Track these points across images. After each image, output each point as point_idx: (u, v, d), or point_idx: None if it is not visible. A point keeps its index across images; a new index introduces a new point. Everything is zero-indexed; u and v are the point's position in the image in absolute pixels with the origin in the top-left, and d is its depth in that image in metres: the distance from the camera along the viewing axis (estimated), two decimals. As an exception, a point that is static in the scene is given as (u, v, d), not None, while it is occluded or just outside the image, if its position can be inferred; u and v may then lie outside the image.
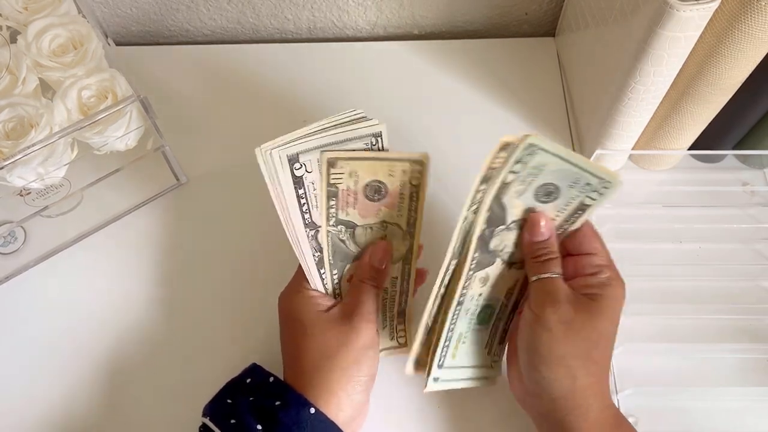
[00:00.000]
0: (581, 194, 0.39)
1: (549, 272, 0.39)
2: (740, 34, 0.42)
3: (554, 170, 0.38)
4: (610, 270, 0.40)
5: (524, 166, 0.37)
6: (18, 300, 0.50)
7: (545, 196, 0.39)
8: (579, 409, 0.37)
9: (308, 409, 0.38)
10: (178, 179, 0.55)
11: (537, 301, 0.39)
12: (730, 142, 0.54)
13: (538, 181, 0.38)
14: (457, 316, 0.41)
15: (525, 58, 0.64)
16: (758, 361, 0.48)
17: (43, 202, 0.50)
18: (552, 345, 0.37)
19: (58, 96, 0.46)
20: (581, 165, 0.37)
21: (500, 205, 0.39)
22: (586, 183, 0.38)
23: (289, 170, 0.38)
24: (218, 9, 0.64)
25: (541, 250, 0.40)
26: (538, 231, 0.40)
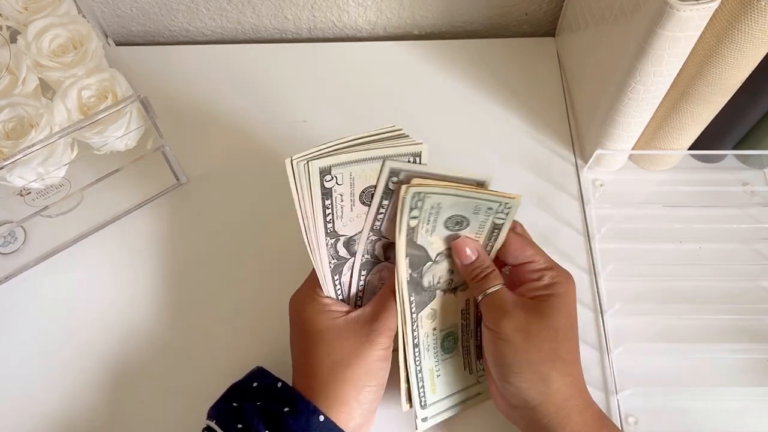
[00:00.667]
0: (489, 217, 0.40)
1: (491, 286, 0.40)
2: (740, 34, 0.42)
3: (451, 205, 0.38)
4: (553, 270, 0.41)
5: (420, 210, 0.38)
6: (18, 300, 0.50)
7: (456, 225, 0.40)
8: (560, 413, 0.37)
9: (318, 417, 0.37)
10: (178, 179, 0.55)
11: (489, 317, 0.39)
12: (730, 142, 0.54)
13: (441, 217, 0.39)
14: (419, 356, 0.42)
15: (525, 58, 0.64)
16: (758, 361, 0.48)
17: (43, 202, 0.50)
18: (515, 355, 0.37)
19: (58, 96, 0.46)
20: (473, 195, 0.38)
21: (417, 247, 0.40)
22: (487, 208, 0.39)
23: (319, 181, 0.37)
24: (218, 9, 0.64)
25: (475, 270, 0.40)
26: (465, 255, 0.41)
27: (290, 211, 0.53)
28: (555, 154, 0.58)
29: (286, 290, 0.43)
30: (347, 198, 0.39)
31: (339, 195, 0.39)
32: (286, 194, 0.37)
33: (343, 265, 0.42)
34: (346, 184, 0.38)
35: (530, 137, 0.59)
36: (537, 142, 0.58)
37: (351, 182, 0.38)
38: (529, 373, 0.37)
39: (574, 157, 0.57)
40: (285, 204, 0.54)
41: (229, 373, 0.42)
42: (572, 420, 0.37)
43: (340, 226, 0.40)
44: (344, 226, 0.40)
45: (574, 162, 0.57)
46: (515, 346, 0.37)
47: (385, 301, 0.41)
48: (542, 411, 0.37)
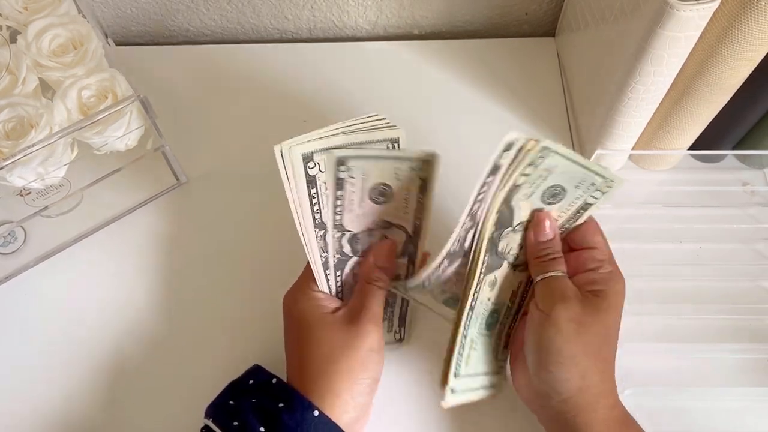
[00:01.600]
0: (585, 194, 0.39)
1: (554, 271, 0.39)
2: (740, 35, 0.42)
3: (563, 172, 0.38)
4: (611, 264, 0.40)
5: (535, 168, 0.37)
6: (18, 300, 0.50)
7: (551, 198, 0.39)
8: (589, 408, 0.37)
9: (312, 412, 0.37)
10: (178, 179, 0.55)
11: (545, 300, 0.39)
12: (730, 142, 0.54)
13: (546, 182, 0.38)
14: (470, 321, 0.41)
15: (525, 58, 0.64)
16: (758, 361, 0.48)
17: (43, 202, 0.50)
18: (563, 344, 0.37)
19: (58, 96, 0.46)
20: (588, 165, 0.38)
21: (509, 208, 0.39)
22: (591, 183, 0.39)
23: (303, 168, 0.37)
24: (218, 9, 0.64)
25: (545, 249, 0.40)
26: (543, 231, 0.40)
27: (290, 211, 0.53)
28: (555, 154, 0.58)
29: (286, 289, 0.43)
30: (358, 192, 0.39)
31: (323, 183, 0.38)
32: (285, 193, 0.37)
33: (346, 263, 0.42)
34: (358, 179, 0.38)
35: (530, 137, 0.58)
36: (537, 142, 0.58)
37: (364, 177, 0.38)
38: (570, 365, 0.37)
39: (574, 157, 0.57)
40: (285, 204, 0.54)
41: (228, 372, 0.42)
42: (599, 416, 0.37)
43: (347, 221, 0.40)
44: (351, 222, 0.40)
45: (574, 162, 0.57)
46: (564, 336, 0.37)
47: (365, 289, 0.41)
48: (572, 403, 0.37)
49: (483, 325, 0.42)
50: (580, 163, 0.38)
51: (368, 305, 0.41)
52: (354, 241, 0.42)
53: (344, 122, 0.39)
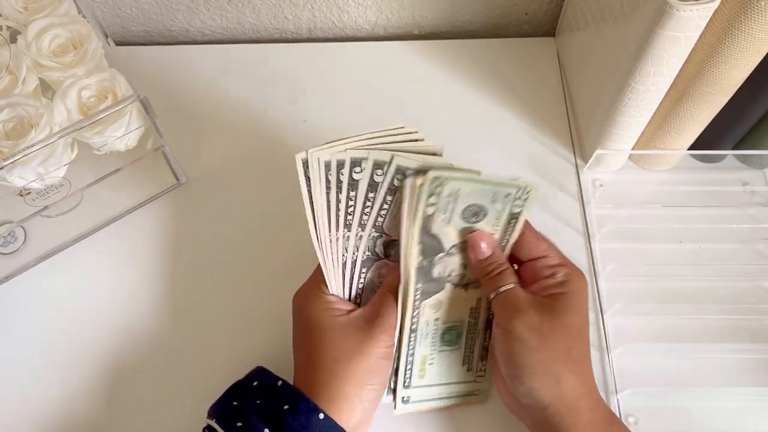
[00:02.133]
0: (506, 206, 0.39)
1: (504, 284, 0.39)
2: (740, 34, 0.42)
3: (469, 192, 0.38)
4: (566, 267, 0.40)
5: (438, 197, 0.38)
6: (18, 300, 0.50)
7: (473, 217, 0.40)
8: (571, 412, 0.37)
9: (317, 415, 0.37)
10: (178, 179, 0.55)
11: (502, 315, 0.39)
12: (730, 142, 0.54)
13: (459, 206, 0.39)
14: (414, 341, 0.42)
15: (525, 58, 0.64)
16: (758, 361, 0.48)
17: (43, 202, 0.49)
18: (528, 354, 0.37)
19: (58, 96, 0.45)
20: (493, 181, 0.38)
21: (431, 236, 0.39)
22: (505, 195, 0.39)
23: (348, 173, 0.38)
24: (218, 9, 0.64)
25: (489, 266, 0.40)
26: (480, 250, 0.40)
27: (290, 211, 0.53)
28: (555, 154, 0.58)
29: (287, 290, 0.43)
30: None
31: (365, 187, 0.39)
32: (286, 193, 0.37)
33: (374, 262, 0.42)
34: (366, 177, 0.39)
35: (530, 137, 0.59)
36: (537, 142, 0.58)
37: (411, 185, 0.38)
38: (541, 373, 0.37)
39: (574, 157, 0.57)
40: (285, 204, 0.54)
41: (229, 373, 0.42)
42: (582, 419, 0.37)
43: (387, 224, 0.40)
44: (396, 227, 0.40)
45: (574, 162, 0.57)
46: (528, 346, 0.37)
47: (385, 299, 0.41)
48: (553, 410, 0.37)
49: (438, 342, 0.43)
50: (483, 181, 0.38)
51: (385, 313, 0.40)
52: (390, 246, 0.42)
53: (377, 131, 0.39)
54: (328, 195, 0.39)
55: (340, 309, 0.41)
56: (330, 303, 0.41)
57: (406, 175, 0.38)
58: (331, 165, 0.38)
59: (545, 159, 0.57)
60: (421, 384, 0.44)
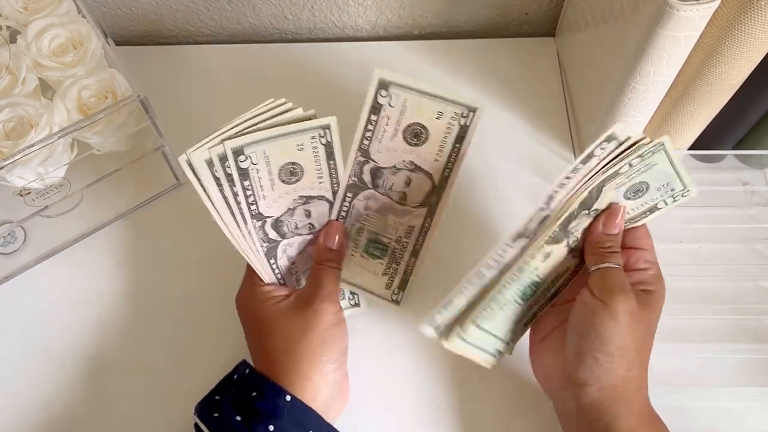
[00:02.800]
0: (661, 197, 0.41)
1: (615, 261, 0.40)
2: (740, 34, 0.42)
3: (658, 170, 0.39)
4: (657, 267, 0.42)
5: (641, 161, 0.39)
6: (18, 300, 0.50)
7: (634, 194, 0.41)
8: (627, 399, 0.37)
9: (284, 397, 0.38)
10: (178, 179, 0.55)
11: (605, 290, 0.38)
12: (730, 142, 0.54)
13: (640, 177, 0.40)
14: (514, 280, 0.40)
15: (525, 58, 0.64)
16: (758, 361, 0.48)
17: (43, 202, 0.50)
18: (616, 334, 0.37)
19: (58, 96, 0.46)
20: (679, 171, 0.40)
21: (598, 191, 0.39)
22: (671, 188, 0.40)
23: (235, 163, 0.37)
24: (218, 9, 0.64)
25: (609, 241, 0.40)
26: (614, 224, 0.41)
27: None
28: (555, 154, 0.58)
29: (286, 290, 0.43)
30: (266, 177, 0.39)
31: (257, 175, 0.39)
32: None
33: (276, 248, 0.42)
34: (261, 163, 0.38)
35: (530, 137, 0.59)
36: (537, 142, 0.58)
37: (266, 161, 0.38)
38: (619, 356, 0.37)
39: (574, 157, 0.57)
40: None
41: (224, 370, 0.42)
42: (634, 408, 0.38)
43: (264, 207, 0.40)
44: (268, 207, 0.40)
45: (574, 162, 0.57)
46: (619, 326, 0.37)
47: (317, 272, 0.42)
48: (610, 393, 0.37)
49: (519, 292, 0.41)
50: (675, 167, 0.39)
51: (321, 285, 0.41)
52: (280, 227, 0.42)
53: (246, 114, 0.39)
54: (222, 191, 0.38)
55: (279, 295, 0.42)
56: (267, 293, 0.42)
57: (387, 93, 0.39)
58: (213, 161, 0.37)
59: (545, 159, 0.57)
60: (486, 328, 0.41)
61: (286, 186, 0.40)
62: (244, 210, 0.40)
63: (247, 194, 0.39)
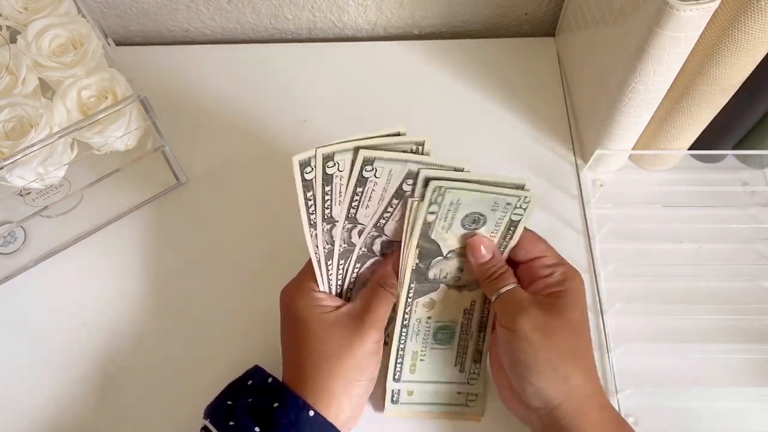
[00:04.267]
0: (506, 213, 0.39)
1: (505, 285, 0.39)
2: (740, 34, 0.42)
3: (470, 201, 0.38)
4: (563, 265, 0.41)
5: (439, 206, 0.38)
6: (18, 300, 0.50)
7: (473, 224, 0.40)
8: (580, 411, 0.37)
9: (307, 412, 0.37)
10: (178, 179, 0.55)
11: (505, 316, 0.39)
12: (730, 142, 0.54)
13: (459, 213, 0.39)
14: (405, 336, 0.43)
15: (525, 58, 0.64)
16: (758, 361, 0.48)
17: (43, 202, 0.50)
18: (534, 354, 0.37)
19: (58, 96, 0.46)
20: (493, 190, 0.38)
21: (430, 242, 0.40)
22: (506, 203, 0.39)
23: (322, 167, 0.37)
24: (218, 9, 0.64)
25: (490, 269, 0.40)
26: (480, 254, 0.40)
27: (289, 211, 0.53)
28: (555, 154, 0.58)
29: (286, 290, 0.43)
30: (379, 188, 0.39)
31: (339, 180, 0.39)
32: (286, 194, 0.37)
33: (351, 252, 0.42)
34: (346, 170, 0.38)
35: (530, 137, 0.59)
36: (537, 142, 0.58)
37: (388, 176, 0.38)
38: (549, 372, 0.37)
39: (574, 157, 0.57)
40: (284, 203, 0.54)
41: (229, 373, 0.42)
42: (592, 418, 0.37)
43: (336, 211, 0.40)
44: (366, 216, 0.40)
45: (574, 162, 0.57)
46: (534, 345, 0.37)
47: (375, 294, 0.41)
48: (562, 411, 0.37)
49: (431, 339, 0.43)
50: (485, 190, 0.38)
51: (374, 309, 0.40)
52: (383, 242, 0.42)
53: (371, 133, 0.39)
54: (313, 190, 0.38)
55: (328, 305, 0.41)
56: (318, 299, 0.41)
57: (416, 181, 0.38)
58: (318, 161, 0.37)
59: (545, 159, 0.57)
60: (411, 379, 0.44)
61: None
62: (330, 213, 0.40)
63: (324, 198, 0.39)
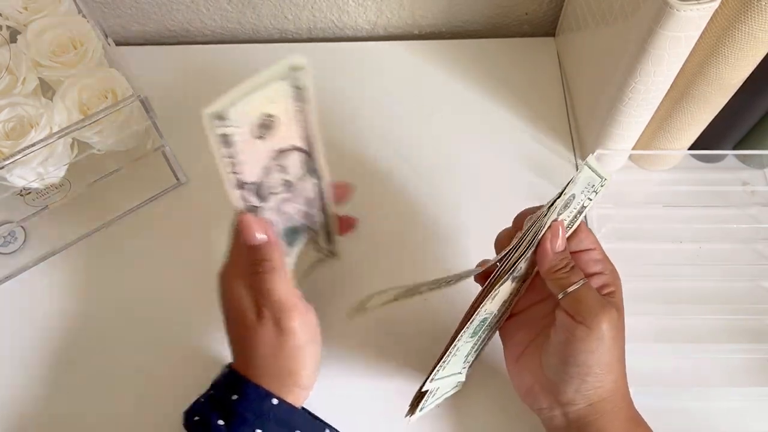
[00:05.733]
0: (585, 196, 0.39)
1: (578, 281, 0.38)
2: (740, 34, 0.42)
3: (581, 179, 0.37)
4: (609, 263, 0.40)
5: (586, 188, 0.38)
6: (18, 300, 0.50)
7: (564, 207, 0.38)
8: (615, 409, 0.37)
9: (270, 400, 0.36)
10: (178, 179, 0.55)
11: (585, 313, 0.37)
12: (730, 142, 0.54)
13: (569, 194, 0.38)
14: (468, 328, 0.40)
15: (525, 58, 0.64)
16: (758, 361, 0.48)
17: (43, 202, 0.50)
18: (602, 354, 0.36)
19: (58, 96, 0.46)
20: (593, 167, 0.37)
21: None
22: (591, 185, 0.38)
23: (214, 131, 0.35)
24: (218, 9, 0.64)
25: (564, 260, 0.39)
26: (559, 243, 0.39)
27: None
28: (555, 154, 0.58)
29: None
30: (245, 139, 0.36)
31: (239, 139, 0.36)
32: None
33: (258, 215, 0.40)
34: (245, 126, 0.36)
35: (530, 137, 0.59)
36: (537, 141, 0.58)
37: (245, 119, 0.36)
38: (606, 373, 0.37)
39: (574, 157, 0.57)
40: (285, 204, 0.54)
41: (229, 373, 0.42)
42: (621, 415, 0.37)
43: (246, 173, 0.38)
44: (249, 173, 0.38)
45: (574, 162, 0.57)
46: (605, 345, 0.36)
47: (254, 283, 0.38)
48: (599, 407, 0.37)
49: (470, 333, 0.41)
50: (595, 170, 0.37)
51: (271, 293, 0.37)
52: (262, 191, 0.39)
53: None
54: None
55: None
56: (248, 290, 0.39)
57: None
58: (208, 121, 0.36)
59: (545, 159, 0.57)
60: (441, 376, 0.41)
61: (263, 143, 0.37)
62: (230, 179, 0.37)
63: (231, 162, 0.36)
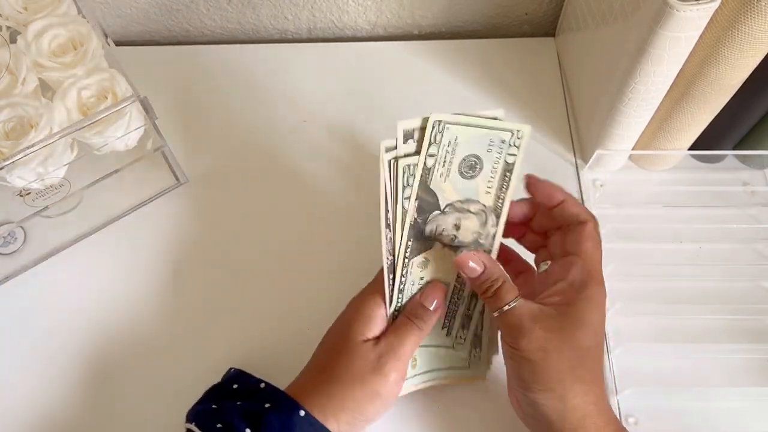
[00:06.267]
0: (501, 154, 0.39)
1: (506, 303, 0.38)
2: (740, 35, 0.42)
3: (467, 140, 0.38)
4: (585, 208, 0.40)
5: (438, 146, 0.38)
6: (18, 300, 0.50)
7: (470, 170, 0.39)
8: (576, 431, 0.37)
9: (298, 412, 0.37)
10: (178, 179, 0.55)
11: (508, 334, 0.38)
12: (730, 142, 0.54)
13: (456, 157, 0.39)
14: (400, 301, 0.41)
15: (525, 58, 0.64)
16: (758, 361, 0.48)
17: (43, 202, 0.49)
18: (534, 372, 0.37)
19: (58, 96, 0.45)
20: (487, 124, 0.38)
21: (428, 192, 0.39)
22: (501, 140, 0.39)
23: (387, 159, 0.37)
24: (218, 9, 0.64)
25: (485, 283, 0.39)
26: (470, 269, 0.39)
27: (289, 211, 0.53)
28: (555, 154, 0.58)
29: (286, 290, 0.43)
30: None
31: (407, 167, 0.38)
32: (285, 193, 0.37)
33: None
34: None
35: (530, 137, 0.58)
36: (537, 142, 0.58)
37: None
38: (546, 391, 0.37)
39: (574, 157, 0.57)
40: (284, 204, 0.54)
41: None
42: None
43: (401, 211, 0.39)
44: None
45: (574, 162, 0.57)
46: (534, 364, 0.37)
47: (403, 325, 0.40)
48: (557, 427, 0.37)
49: None
50: (479, 124, 0.38)
51: (399, 344, 0.40)
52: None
53: None
54: None
55: (375, 329, 0.40)
56: (370, 319, 0.40)
57: None
58: None
59: (545, 159, 0.57)
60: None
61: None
62: None
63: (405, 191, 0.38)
